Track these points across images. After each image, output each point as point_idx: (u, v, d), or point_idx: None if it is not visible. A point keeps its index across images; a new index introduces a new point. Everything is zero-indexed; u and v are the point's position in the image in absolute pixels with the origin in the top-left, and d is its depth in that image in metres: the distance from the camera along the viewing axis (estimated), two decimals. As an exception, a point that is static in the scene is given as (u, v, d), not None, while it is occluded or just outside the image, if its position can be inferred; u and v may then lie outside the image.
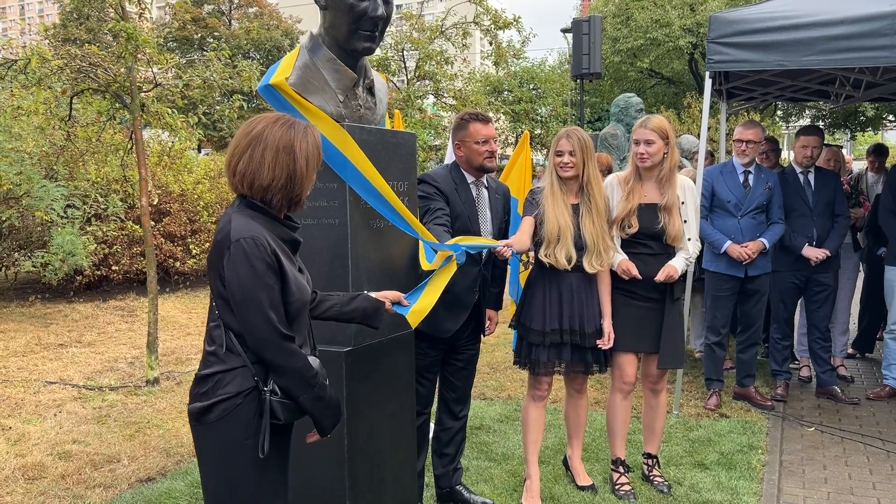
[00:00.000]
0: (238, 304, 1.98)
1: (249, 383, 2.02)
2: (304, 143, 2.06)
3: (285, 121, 2.08)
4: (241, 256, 1.96)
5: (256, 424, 2.00)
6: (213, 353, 2.06)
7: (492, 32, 16.27)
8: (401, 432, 3.07)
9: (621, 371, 3.78)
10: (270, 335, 1.97)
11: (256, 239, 1.98)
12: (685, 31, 20.41)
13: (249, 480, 2.03)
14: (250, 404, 2.01)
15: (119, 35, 5.23)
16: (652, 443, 3.96)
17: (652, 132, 3.63)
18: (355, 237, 2.75)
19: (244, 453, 2.01)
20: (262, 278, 1.97)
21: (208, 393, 2.03)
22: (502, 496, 3.75)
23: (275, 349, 1.98)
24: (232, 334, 2.03)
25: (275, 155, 2.02)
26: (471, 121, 3.44)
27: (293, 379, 2.01)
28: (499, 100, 22.00)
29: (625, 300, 3.69)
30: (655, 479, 3.89)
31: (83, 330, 7.92)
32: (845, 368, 6.01)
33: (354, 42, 2.77)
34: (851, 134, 30.07)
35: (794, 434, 4.71)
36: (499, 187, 3.69)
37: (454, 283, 3.28)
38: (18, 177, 7.48)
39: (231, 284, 1.98)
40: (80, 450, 4.42)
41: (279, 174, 2.02)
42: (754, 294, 5.08)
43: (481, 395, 5.58)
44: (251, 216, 2.04)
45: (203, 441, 2.06)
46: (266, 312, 1.96)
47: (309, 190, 2.13)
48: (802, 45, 4.55)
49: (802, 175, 5.25)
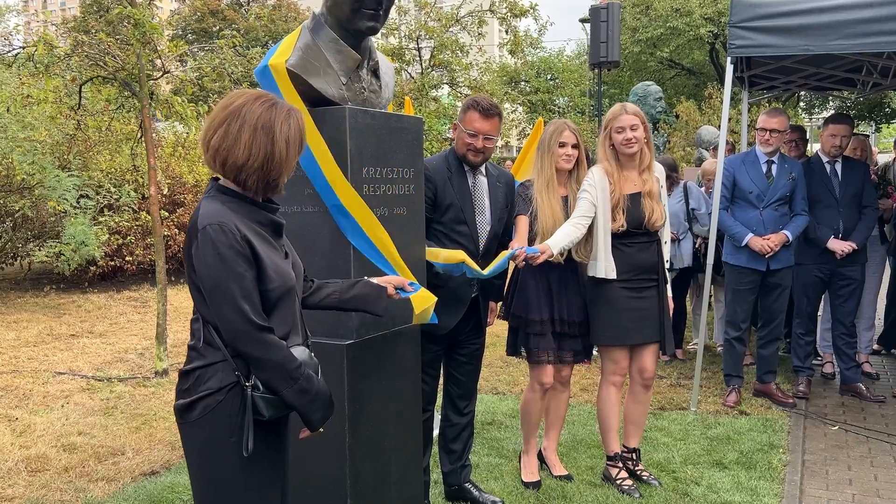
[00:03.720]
0: (209, 295, 1.87)
1: (231, 378, 1.91)
2: (285, 124, 1.93)
3: (266, 99, 1.95)
4: (208, 244, 1.84)
5: (240, 421, 1.89)
6: (193, 348, 1.95)
7: (508, 20, 16.07)
8: (406, 429, 2.96)
9: (617, 365, 3.72)
10: (244, 326, 1.85)
11: (223, 225, 1.85)
12: (706, 20, 20.10)
13: (235, 480, 1.93)
14: (233, 400, 1.90)
15: (127, 21, 5.15)
16: (636, 437, 3.88)
17: (634, 117, 3.57)
18: (358, 225, 2.63)
19: (228, 452, 1.90)
20: (231, 266, 1.84)
21: (190, 389, 1.92)
22: (513, 495, 3.64)
23: (250, 341, 1.86)
24: (210, 327, 1.92)
25: (252, 133, 1.89)
26: (471, 107, 3.26)
27: (273, 372, 1.89)
28: (516, 90, 21.80)
29: (626, 293, 3.60)
30: (643, 473, 3.80)
31: (95, 320, 7.90)
32: (870, 365, 5.82)
33: (357, 21, 2.65)
34: (876, 126, 29.54)
35: (816, 433, 4.55)
36: (501, 175, 3.53)
37: (449, 278, 3.22)
38: (31, 167, 7.47)
39: (201, 274, 1.87)
40: (85, 442, 4.36)
41: (255, 154, 1.89)
42: (776, 288, 4.91)
43: (494, 389, 5.47)
44: (222, 201, 1.92)
45: (188, 439, 1.96)
46: (237, 302, 1.84)
47: (288, 176, 2.00)
48: (829, 29, 4.37)
49: (829, 165, 5.07)
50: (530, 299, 3.57)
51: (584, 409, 4.94)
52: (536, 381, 3.68)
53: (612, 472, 3.76)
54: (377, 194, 2.72)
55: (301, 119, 2.00)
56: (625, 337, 3.64)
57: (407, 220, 2.87)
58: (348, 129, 2.58)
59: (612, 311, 3.60)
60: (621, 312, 3.60)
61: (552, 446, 3.92)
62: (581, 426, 4.60)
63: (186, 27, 32.29)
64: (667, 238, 3.80)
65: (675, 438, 4.39)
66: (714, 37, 20.68)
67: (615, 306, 3.60)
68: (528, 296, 3.58)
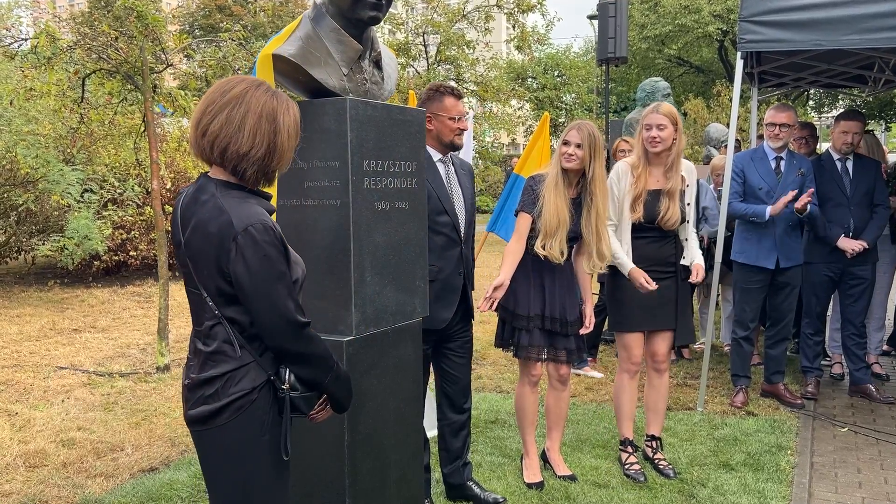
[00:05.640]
0: (252, 296, 1.81)
1: (262, 377, 1.88)
2: (286, 115, 1.88)
3: (267, 88, 1.89)
4: (253, 246, 1.78)
5: (272, 419, 1.88)
6: (217, 352, 1.88)
7: (515, 15, 15.98)
8: (407, 427, 2.90)
9: (629, 352, 3.81)
10: (292, 325, 1.83)
11: (265, 224, 1.81)
12: (715, 17, 19.96)
13: (265, 479, 1.91)
14: (265, 399, 1.88)
15: (130, 13, 5.10)
16: (655, 424, 3.98)
17: (664, 117, 3.66)
18: (358, 219, 2.57)
19: (260, 450, 1.88)
20: (277, 266, 1.81)
21: (218, 394, 1.86)
22: (515, 495, 3.58)
23: (298, 339, 1.85)
24: (236, 329, 1.87)
25: (257, 121, 1.83)
26: (446, 94, 3.32)
27: (317, 365, 1.91)
28: (523, 86, 21.70)
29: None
30: (660, 462, 3.86)
31: (98, 315, 7.88)
32: (880, 366, 5.74)
33: (359, 11, 2.59)
34: (886, 125, 29.32)
35: (825, 434, 4.48)
36: (463, 164, 3.57)
37: (440, 271, 3.25)
38: (35, 160, 7.44)
39: (242, 278, 1.80)
40: (84, 437, 4.32)
41: (259, 143, 1.83)
42: (785, 287, 4.84)
43: (497, 387, 5.41)
44: (242, 197, 1.85)
45: (212, 444, 1.90)
46: (286, 303, 1.82)
47: (285, 168, 1.94)
48: (842, 23, 4.28)
49: (840, 162, 4.98)
50: (519, 294, 3.55)
51: (588, 408, 4.88)
52: (526, 374, 3.71)
53: (622, 456, 3.88)
54: (378, 188, 2.66)
55: (297, 111, 1.95)
56: (636, 324, 3.76)
57: (409, 215, 2.81)
58: (349, 120, 2.52)
59: (624, 299, 3.71)
60: (633, 300, 3.69)
61: (555, 446, 3.88)
62: (585, 426, 4.54)
63: (194, 23, 32.31)
64: (686, 235, 3.81)
65: (682, 439, 4.32)
66: (723, 34, 20.53)
67: (628, 294, 3.69)
68: (517, 290, 3.55)
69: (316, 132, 2.58)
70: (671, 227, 3.70)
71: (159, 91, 5.72)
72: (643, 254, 3.70)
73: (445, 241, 3.26)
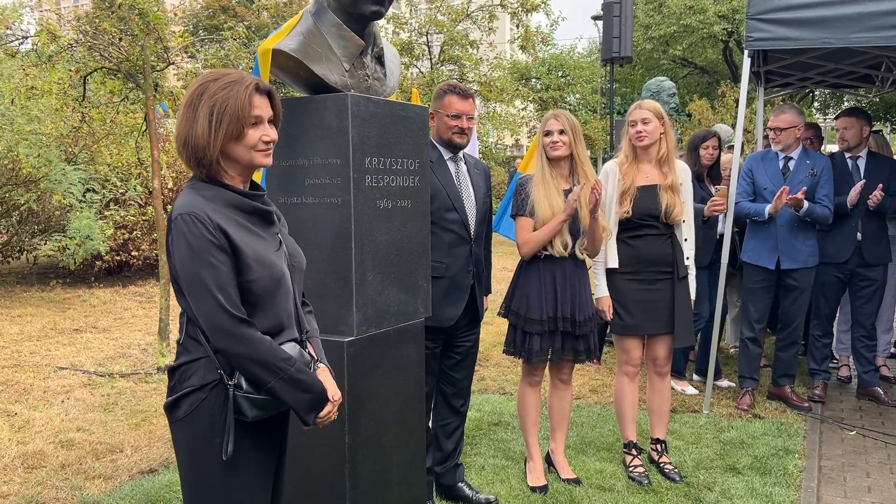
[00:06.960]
0: (184, 288, 1.77)
1: (213, 375, 1.79)
2: (210, 99, 1.79)
3: (226, 83, 1.82)
4: (180, 235, 1.75)
5: (222, 421, 1.78)
6: (183, 343, 1.85)
7: (519, 15, 15.91)
8: (408, 429, 2.85)
9: (628, 355, 3.79)
10: (219, 319, 1.73)
11: (193, 214, 1.74)
12: (720, 17, 19.88)
13: (217, 482, 1.82)
14: (216, 398, 1.79)
15: (131, 11, 5.07)
16: (659, 427, 3.95)
17: (648, 111, 3.67)
18: (359, 217, 2.52)
19: (212, 453, 1.80)
20: (203, 256, 1.73)
21: (175, 387, 1.83)
22: (519, 499, 3.52)
23: (226, 335, 1.74)
24: (192, 322, 1.81)
25: (185, 110, 1.82)
26: (448, 92, 3.30)
27: (254, 367, 1.76)
28: (526, 86, 21.64)
29: (635, 286, 3.69)
30: (665, 466, 3.83)
31: (100, 315, 7.85)
32: (888, 369, 5.68)
33: (361, 5, 2.54)
34: (892, 127, 29.18)
35: (833, 437, 4.41)
36: (478, 163, 3.53)
37: (447, 268, 3.21)
38: (37, 160, 7.41)
39: (175, 266, 1.78)
40: (83, 438, 4.28)
41: (183, 129, 1.82)
42: (793, 290, 4.78)
43: (501, 389, 5.36)
44: (198, 188, 1.82)
45: (175, 437, 1.86)
46: (213, 295, 1.73)
47: (213, 153, 1.80)
48: (851, 21, 4.22)
49: (851, 160, 4.95)
50: (531, 298, 3.50)
51: (592, 410, 4.82)
52: (528, 374, 3.69)
53: (626, 459, 3.85)
54: (380, 185, 2.61)
55: (242, 96, 1.81)
56: (633, 328, 3.72)
57: (412, 213, 2.76)
58: (350, 116, 2.47)
59: (621, 303, 3.70)
60: (630, 304, 3.69)
61: (559, 448, 3.83)
62: (590, 428, 4.48)
63: (198, 24, 32.32)
64: (687, 236, 3.81)
65: (687, 442, 4.26)
66: (728, 35, 20.45)
67: (624, 298, 3.70)
68: (529, 294, 3.50)
69: (317, 129, 2.54)
70: (675, 220, 3.69)
71: (161, 90, 5.68)
72: (638, 255, 3.68)
73: (454, 238, 3.22)
